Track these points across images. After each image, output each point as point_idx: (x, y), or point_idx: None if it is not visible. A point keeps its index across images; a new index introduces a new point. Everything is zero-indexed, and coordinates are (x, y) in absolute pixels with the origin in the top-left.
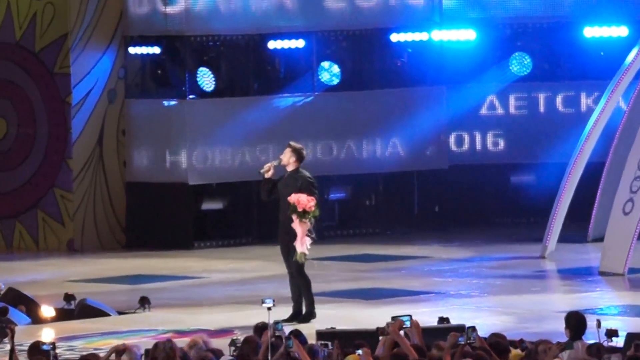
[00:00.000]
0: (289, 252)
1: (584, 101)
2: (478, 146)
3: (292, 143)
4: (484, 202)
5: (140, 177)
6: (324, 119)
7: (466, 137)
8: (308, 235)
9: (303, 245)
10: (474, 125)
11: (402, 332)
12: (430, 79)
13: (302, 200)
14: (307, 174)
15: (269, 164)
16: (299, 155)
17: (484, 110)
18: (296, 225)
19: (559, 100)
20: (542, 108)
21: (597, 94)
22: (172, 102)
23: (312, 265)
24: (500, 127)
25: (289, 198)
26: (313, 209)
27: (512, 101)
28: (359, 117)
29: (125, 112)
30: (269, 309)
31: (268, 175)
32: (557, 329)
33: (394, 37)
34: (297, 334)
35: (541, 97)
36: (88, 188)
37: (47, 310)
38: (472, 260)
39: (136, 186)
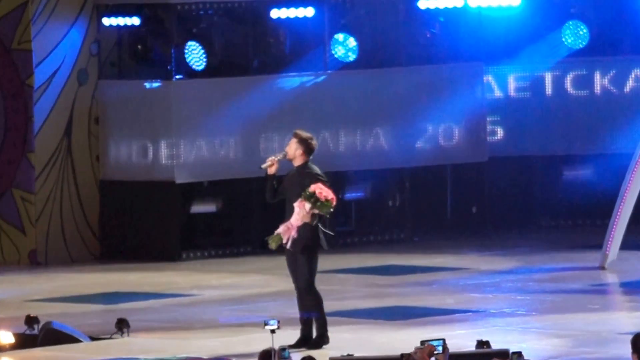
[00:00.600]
0: (296, 264)
1: None
2: (524, 134)
3: (299, 132)
4: (530, 202)
5: (116, 174)
6: (337, 102)
7: (509, 124)
8: (321, 233)
9: (287, 233)
10: (518, 109)
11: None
12: (466, 53)
13: (322, 187)
14: (317, 169)
15: (271, 158)
16: (306, 146)
17: (530, 92)
18: (296, 204)
19: (622, 78)
20: (602, 88)
21: None
22: (155, 84)
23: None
24: (550, 111)
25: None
26: (323, 200)
27: (566, 80)
28: (379, 100)
29: (98, 97)
30: (273, 332)
31: (271, 171)
32: (622, 355)
33: (423, 4)
34: None
35: (600, 75)
36: (54, 188)
37: (4, 336)
38: (517, 272)
39: (112, 185)
